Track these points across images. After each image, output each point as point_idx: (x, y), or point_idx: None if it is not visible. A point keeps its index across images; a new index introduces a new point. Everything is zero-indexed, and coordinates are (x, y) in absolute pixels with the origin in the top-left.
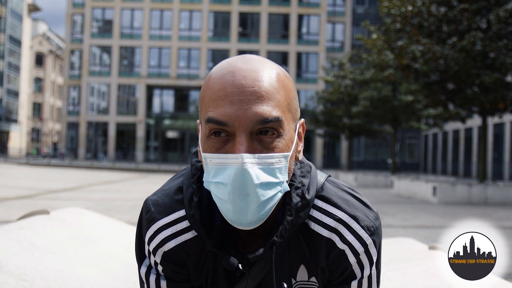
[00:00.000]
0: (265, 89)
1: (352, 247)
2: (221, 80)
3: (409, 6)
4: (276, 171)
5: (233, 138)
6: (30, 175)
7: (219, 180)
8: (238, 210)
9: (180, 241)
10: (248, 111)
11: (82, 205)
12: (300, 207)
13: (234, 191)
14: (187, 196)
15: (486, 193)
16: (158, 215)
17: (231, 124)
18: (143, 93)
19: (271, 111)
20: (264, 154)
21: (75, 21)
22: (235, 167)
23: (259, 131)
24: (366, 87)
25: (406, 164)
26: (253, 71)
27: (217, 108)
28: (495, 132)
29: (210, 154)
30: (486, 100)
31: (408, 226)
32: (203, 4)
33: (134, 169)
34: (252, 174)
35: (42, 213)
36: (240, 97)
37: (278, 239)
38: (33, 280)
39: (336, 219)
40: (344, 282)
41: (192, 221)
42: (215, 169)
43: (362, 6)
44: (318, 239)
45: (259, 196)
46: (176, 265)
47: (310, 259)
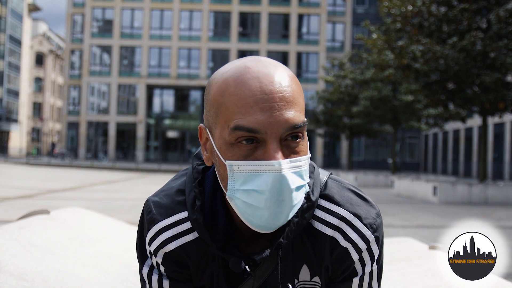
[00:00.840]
0: (292, 94)
1: (355, 244)
2: (247, 86)
3: (409, 6)
4: (303, 173)
5: (263, 145)
6: (30, 175)
7: (253, 188)
8: (272, 216)
9: (181, 242)
10: (280, 118)
11: (82, 205)
12: (305, 208)
13: (272, 198)
14: (190, 200)
15: (487, 193)
16: (159, 216)
17: (263, 131)
18: (143, 93)
19: (299, 116)
20: (294, 158)
21: (75, 21)
22: (272, 174)
23: (287, 136)
24: (366, 87)
25: (407, 164)
26: (277, 75)
27: (247, 115)
28: (495, 132)
29: (238, 161)
30: (486, 100)
31: (408, 226)
32: (203, 4)
33: (134, 169)
34: (289, 180)
35: (42, 213)
36: (271, 104)
37: (285, 240)
38: (33, 280)
39: (339, 217)
40: (345, 280)
41: (195, 225)
42: (245, 177)
43: (362, 6)
44: (322, 238)
45: (293, 200)
46: (177, 266)
47: (314, 258)
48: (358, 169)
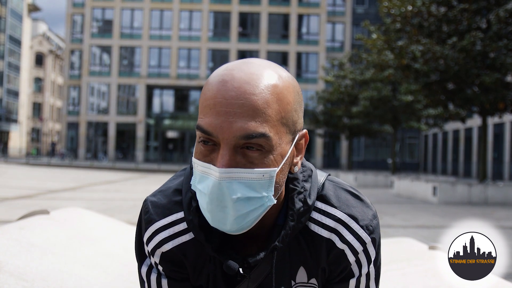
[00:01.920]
0: (254, 104)
1: (352, 246)
2: (213, 88)
3: (409, 6)
4: (258, 186)
5: (218, 149)
6: (30, 175)
7: (201, 188)
8: (216, 219)
9: (178, 243)
10: (233, 125)
11: (82, 205)
12: (302, 212)
13: (212, 202)
14: (186, 201)
15: (486, 193)
16: (156, 216)
17: (216, 135)
18: (143, 93)
19: (257, 127)
20: (245, 169)
21: (75, 21)
22: (213, 179)
23: (244, 145)
24: (366, 87)
25: (406, 164)
26: (247, 82)
27: (205, 116)
28: (495, 132)
29: (197, 160)
30: (486, 100)
31: (408, 226)
32: (203, 4)
33: (134, 169)
34: (228, 189)
35: (42, 213)
36: (227, 109)
37: (280, 244)
38: (33, 280)
39: (335, 219)
40: (342, 281)
41: (191, 226)
42: (200, 176)
43: (362, 6)
44: (318, 240)
45: (237, 210)
46: (174, 266)
47: (310, 260)
48: (357, 169)
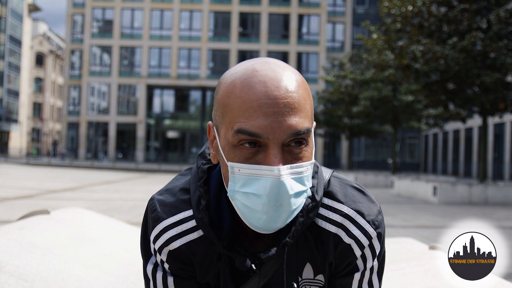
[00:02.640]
0: (297, 101)
1: (358, 241)
2: (252, 90)
3: (409, 6)
4: (305, 179)
5: (265, 149)
6: (30, 175)
7: (251, 191)
8: (270, 220)
9: (186, 241)
10: (283, 124)
11: (82, 205)
12: (310, 208)
13: (270, 203)
14: (195, 199)
15: (487, 193)
16: (164, 215)
17: (266, 136)
18: (144, 93)
19: (303, 123)
20: (295, 164)
21: (76, 21)
22: (271, 179)
23: (291, 142)
24: (367, 87)
25: (407, 164)
26: (283, 81)
27: (250, 119)
28: (495, 132)
29: (239, 164)
30: (486, 100)
31: (408, 226)
32: (203, 4)
33: (134, 169)
34: (287, 186)
35: (42, 213)
36: (275, 109)
37: (291, 240)
38: (33, 281)
39: (343, 214)
40: (347, 275)
41: (201, 224)
42: (245, 179)
43: (363, 6)
44: (325, 235)
45: (292, 205)
46: (182, 264)
47: (317, 256)
48: (358, 169)
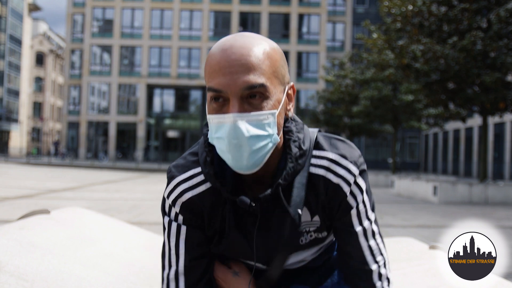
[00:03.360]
0: (250, 62)
1: (344, 179)
2: (216, 56)
3: (409, 5)
4: (265, 125)
5: (228, 102)
6: (31, 174)
7: (219, 135)
8: (235, 158)
9: (196, 192)
10: (238, 80)
11: (82, 205)
12: (298, 156)
13: (230, 143)
14: (202, 158)
15: (487, 192)
16: (177, 173)
17: (225, 91)
18: (144, 93)
19: (256, 79)
20: (252, 112)
21: (76, 20)
22: (229, 124)
23: (248, 95)
24: (367, 87)
25: (407, 163)
26: (242, 47)
27: (214, 79)
28: (495, 131)
29: (211, 115)
30: (486, 100)
31: (408, 226)
32: (203, 4)
33: (134, 168)
34: (242, 129)
35: (42, 213)
36: (231, 69)
37: (283, 181)
38: (33, 281)
39: (329, 159)
40: (344, 214)
41: (208, 176)
42: (216, 127)
43: (363, 5)
44: (316, 180)
45: (251, 146)
46: (193, 214)
47: (312, 199)
48: None
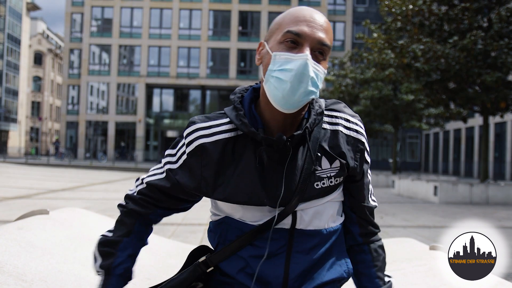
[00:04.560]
0: (327, 26)
1: (362, 133)
2: (301, 11)
3: (410, 5)
4: (319, 77)
5: (300, 48)
6: (29, 174)
7: (286, 67)
8: (292, 89)
9: (214, 139)
10: (316, 34)
11: (81, 205)
12: (319, 112)
13: (296, 75)
14: (234, 114)
15: (488, 192)
16: (199, 121)
17: (304, 38)
18: (143, 92)
19: (328, 40)
20: (317, 64)
21: (74, 20)
22: (301, 60)
23: (317, 50)
24: (367, 86)
25: (407, 163)
26: (323, 17)
27: (297, 25)
28: (496, 131)
29: (281, 52)
30: (487, 100)
31: (409, 226)
32: (203, 3)
33: (133, 168)
34: (310, 68)
35: (41, 213)
36: (314, 24)
37: (310, 126)
38: (32, 281)
39: (345, 119)
40: (362, 163)
41: (242, 126)
42: (282, 61)
43: (363, 5)
44: (335, 133)
45: (308, 85)
46: (198, 160)
47: (329, 149)
48: None
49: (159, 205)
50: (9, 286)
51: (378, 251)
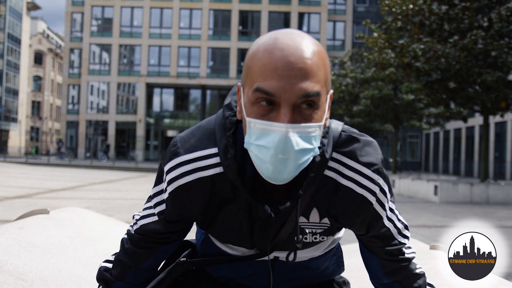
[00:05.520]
0: (310, 67)
1: (370, 189)
2: (271, 55)
3: (410, 4)
4: (312, 138)
5: (278, 108)
6: (29, 174)
7: (262, 144)
8: (277, 171)
9: (197, 177)
10: (295, 86)
11: (81, 205)
12: (320, 164)
13: (276, 155)
14: (222, 148)
15: (488, 192)
16: (183, 151)
17: (278, 96)
18: (143, 92)
19: (314, 87)
20: (304, 124)
21: (75, 19)
22: (279, 134)
23: (301, 104)
24: (367, 86)
25: (408, 163)
26: (300, 49)
27: (267, 79)
28: (496, 131)
29: (255, 119)
30: (487, 99)
31: (409, 226)
32: (203, 3)
33: (134, 168)
34: (293, 142)
35: (41, 213)
36: (289, 73)
37: (303, 193)
38: (32, 280)
39: (351, 169)
40: (375, 227)
41: (228, 171)
42: (258, 133)
43: (363, 4)
44: (332, 184)
45: (297, 160)
46: (183, 203)
47: (324, 203)
48: None
49: (162, 242)
50: (9, 286)
51: (415, 285)
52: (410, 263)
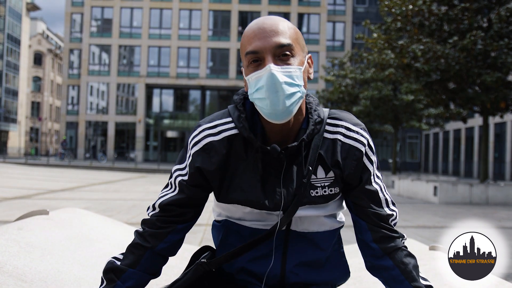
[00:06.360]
0: (281, 28)
1: (360, 141)
2: (251, 28)
3: (410, 5)
4: (294, 77)
5: (263, 62)
6: (29, 175)
7: (258, 86)
8: (273, 102)
9: (218, 137)
10: (270, 41)
11: (81, 205)
12: (317, 122)
13: (268, 89)
14: (236, 116)
15: (487, 193)
16: (204, 122)
17: (261, 51)
18: (143, 93)
19: (285, 40)
20: (284, 65)
21: (74, 20)
22: (266, 73)
23: (280, 54)
24: (367, 87)
25: (407, 163)
26: (273, 20)
27: (251, 44)
28: (496, 131)
29: (250, 74)
30: (487, 100)
31: (409, 226)
32: (202, 3)
33: (133, 169)
34: (278, 76)
35: (41, 214)
36: (264, 34)
37: (306, 138)
38: (32, 281)
39: (345, 127)
40: (363, 172)
41: (243, 129)
42: (255, 82)
43: (363, 5)
44: (334, 143)
45: (285, 90)
46: (206, 157)
47: (327, 159)
48: None
49: (179, 220)
50: (8, 286)
51: (405, 260)
52: (399, 236)
